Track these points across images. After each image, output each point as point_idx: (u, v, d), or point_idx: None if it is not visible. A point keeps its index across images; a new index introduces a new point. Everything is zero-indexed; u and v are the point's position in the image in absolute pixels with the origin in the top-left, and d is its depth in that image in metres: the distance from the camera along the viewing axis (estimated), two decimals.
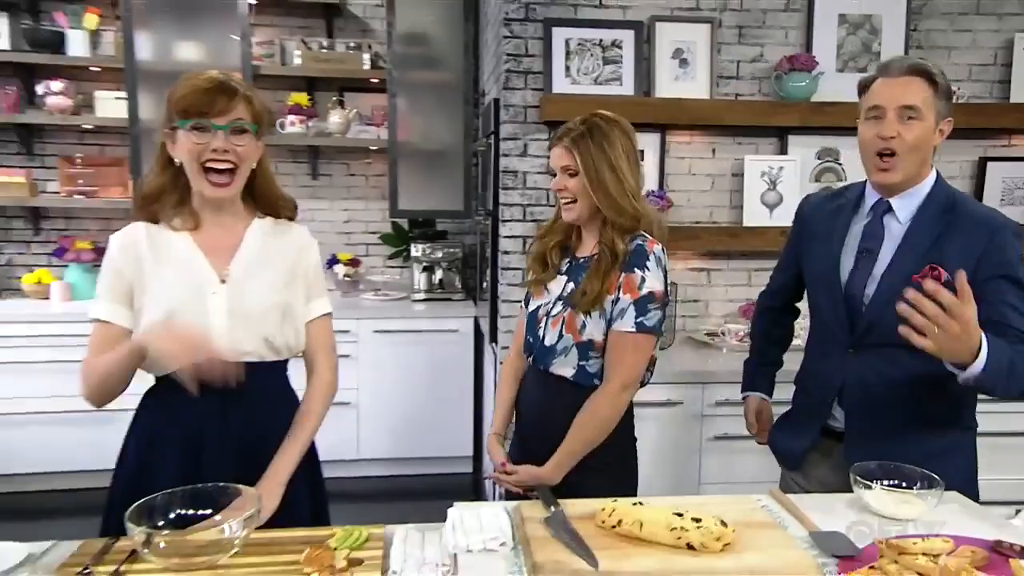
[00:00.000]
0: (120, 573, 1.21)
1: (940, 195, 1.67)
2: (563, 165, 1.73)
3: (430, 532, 1.37)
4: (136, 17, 3.71)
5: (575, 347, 1.73)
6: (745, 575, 1.14)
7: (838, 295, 1.74)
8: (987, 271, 1.56)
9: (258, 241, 1.60)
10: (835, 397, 1.76)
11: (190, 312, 1.48)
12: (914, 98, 1.58)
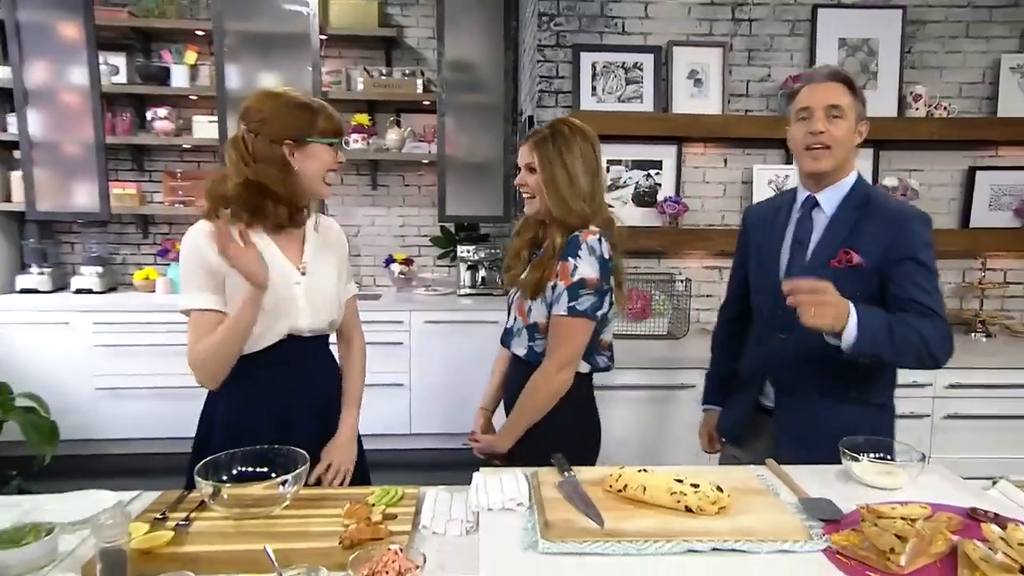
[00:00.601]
0: (190, 519, 1.23)
1: (858, 191, 1.65)
2: (526, 163, 1.71)
3: (457, 493, 1.35)
4: (227, 53, 3.80)
5: (525, 329, 1.73)
6: (737, 535, 1.09)
7: (775, 285, 1.65)
8: (896, 254, 1.55)
9: (315, 237, 1.63)
10: (764, 376, 1.74)
11: (280, 299, 1.51)
12: (838, 99, 1.58)
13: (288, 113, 1.49)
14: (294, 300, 1.54)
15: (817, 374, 1.62)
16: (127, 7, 3.96)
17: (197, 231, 1.52)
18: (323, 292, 1.60)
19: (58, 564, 1.11)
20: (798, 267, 1.66)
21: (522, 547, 1.09)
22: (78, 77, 3.76)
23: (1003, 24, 3.11)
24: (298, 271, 1.56)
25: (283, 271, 1.54)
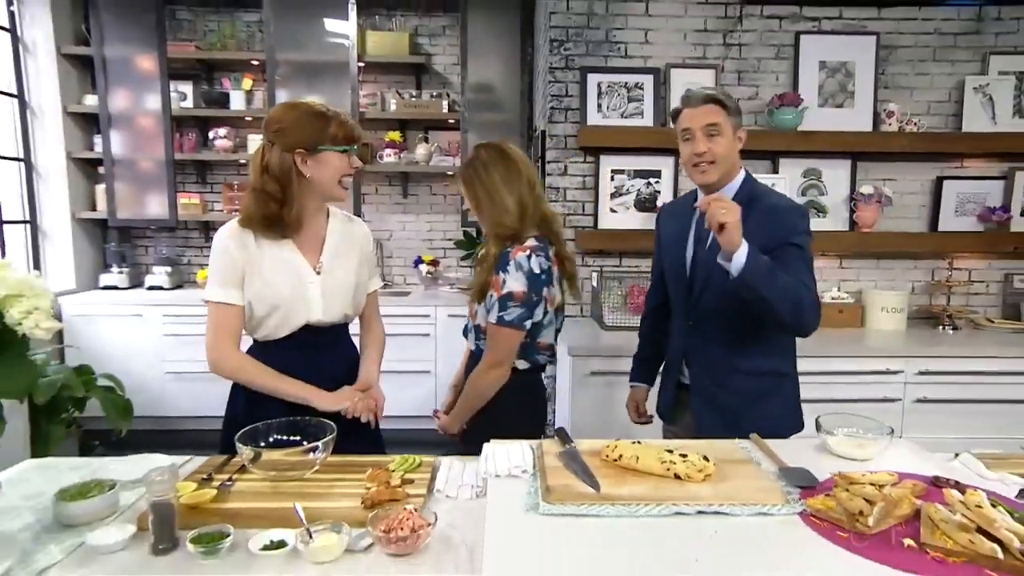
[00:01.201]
0: (232, 480, 1.22)
1: (745, 190, 1.64)
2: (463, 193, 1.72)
3: (469, 463, 1.33)
4: (278, 80, 3.82)
5: (474, 328, 1.73)
6: (721, 499, 1.06)
7: (684, 281, 1.72)
8: (777, 240, 1.54)
9: (337, 234, 1.58)
10: (682, 359, 1.75)
11: (295, 295, 1.48)
12: (714, 118, 1.58)
13: (303, 123, 1.42)
14: (308, 296, 1.50)
15: (723, 351, 1.65)
16: (194, 42, 4.01)
17: (225, 231, 1.48)
18: (338, 288, 1.54)
19: (118, 516, 1.11)
20: (700, 263, 1.66)
21: (524, 509, 1.07)
22: (152, 103, 3.81)
23: (966, 49, 3.03)
24: (313, 270, 1.51)
25: (299, 270, 1.50)
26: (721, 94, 1.62)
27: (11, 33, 3.59)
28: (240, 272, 1.46)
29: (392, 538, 0.98)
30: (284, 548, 0.98)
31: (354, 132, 1.49)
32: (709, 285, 1.63)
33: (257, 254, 1.47)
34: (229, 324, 1.47)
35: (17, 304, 1.00)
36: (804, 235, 1.58)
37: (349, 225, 1.63)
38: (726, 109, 1.59)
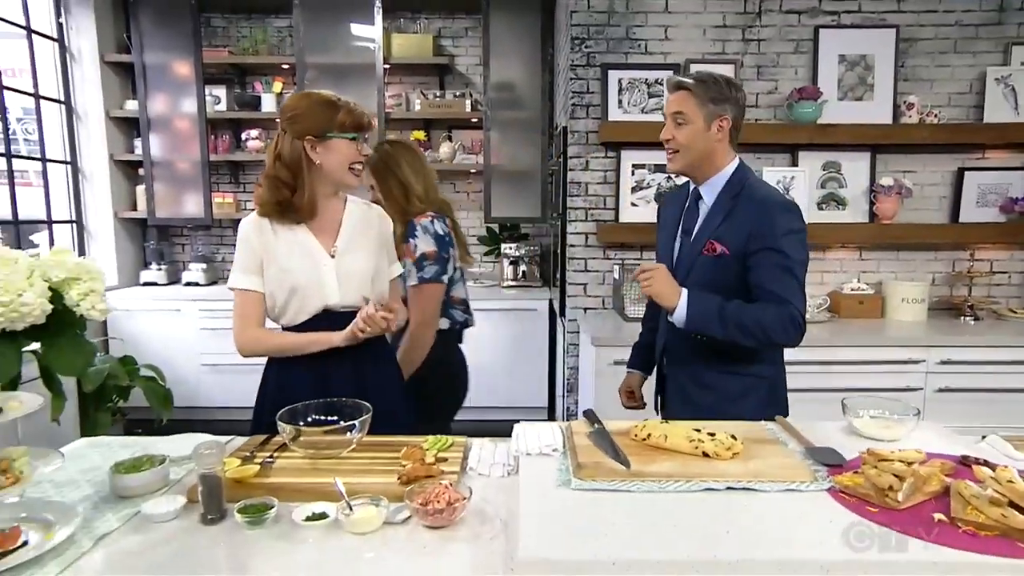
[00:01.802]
0: (273, 457, 1.24)
1: (735, 181, 1.55)
2: (370, 184, 1.85)
3: (500, 443, 1.34)
4: (307, 82, 3.87)
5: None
6: (749, 477, 1.05)
7: (670, 269, 1.60)
8: (756, 244, 1.46)
9: (353, 220, 1.56)
10: (662, 351, 1.70)
11: (311, 279, 1.48)
12: (680, 106, 1.51)
13: (313, 111, 1.42)
14: (324, 280, 1.49)
15: (700, 348, 1.56)
16: (227, 47, 4.07)
17: (245, 221, 1.51)
18: (354, 272, 1.51)
19: (169, 488, 1.14)
20: (684, 255, 1.61)
21: (556, 484, 1.07)
22: (188, 106, 3.89)
23: (988, 40, 2.95)
24: (328, 254, 1.50)
25: (314, 255, 1.49)
26: (695, 80, 1.50)
27: (59, 43, 3.69)
28: (259, 259, 1.48)
29: (429, 510, 0.99)
30: (325, 519, 1.00)
31: (362, 120, 1.46)
32: (689, 280, 1.54)
33: (273, 240, 1.48)
34: (251, 310, 1.50)
35: (75, 286, 1.03)
36: (790, 235, 1.45)
37: (367, 211, 1.60)
38: (695, 96, 1.49)
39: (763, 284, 1.45)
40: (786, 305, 1.42)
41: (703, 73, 1.54)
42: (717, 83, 1.51)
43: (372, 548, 0.95)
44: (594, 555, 0.85)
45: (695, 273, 1.55)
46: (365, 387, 1.49)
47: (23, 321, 0.95)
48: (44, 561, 0.89)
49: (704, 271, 1.52)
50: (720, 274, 1.51)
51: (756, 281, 1.47)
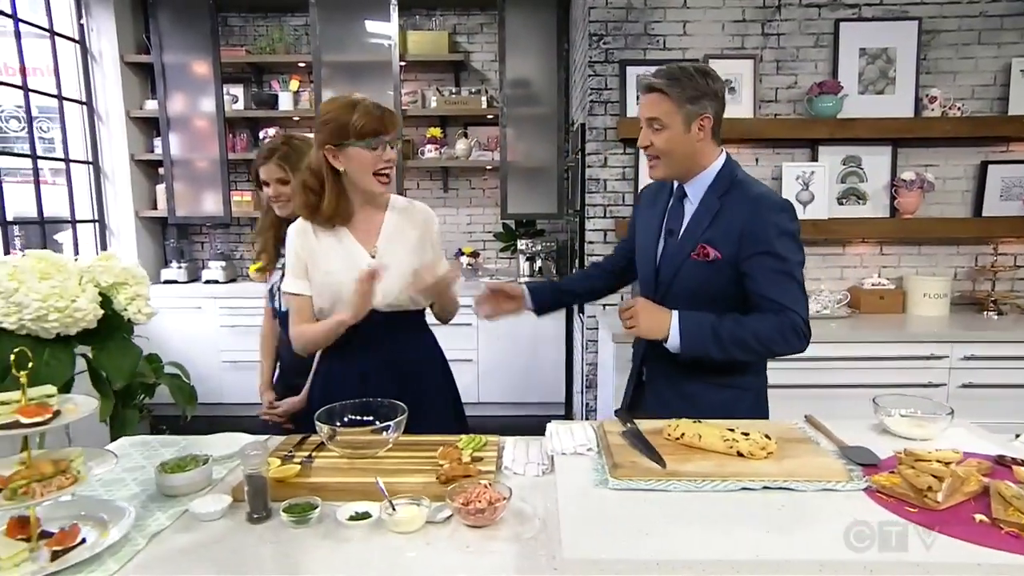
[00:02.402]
0: (312, 457, 1.26)
1: (723, 179, 1.45)
2: (277, 177, 1.74)
3: (532, 442, 1.35)
4: (323, 80, 3.89)
5: (279, 290, 1.74)
6: (785, 476, 1.06)
7: (651, 270, 1.55)
8: (749, 248, 1.37)
9: (394, 220, 1.57)
10: (642, 357, 1.58)
11: (352, 281, 1.48)
12: (655, 111, 1.40)
13: (334, 117, 1.42)
14: None
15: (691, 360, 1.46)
16: (244, 47, 4.10)
17: (292, 227, 1.55)
18: (395, 272, 1.51)
19: (213, 487, 1.17)
20: (668, 257, 1.52)
21: (594, 484, 1.08)
22: (207, 106, 3.92)
23: (1013, 31, 2.90)
24: (368, 255, 1.53)
25: (354, 256, 1.52)
26: (667, 79, 1.39)
27: (80, 45, 3.73)
28: (303, 264, 1.53)
29: (471, 510, 1.00)
30: (369, 519, 1.02)
31: (379, 124, 1.42)
32: (675, 283, 1.48)
33: (315, 244, 1.52)
34: (302, 311, 1.55)
35: (123, 291, 1.05)
36: (785, 237, 1.37)
37: (409, 210, 1.60)
38: (669, 98, 1.38)
39: (761, 291, 1.38)
40: (786, 313, 1.35)
41: (674, 69, 1.42)
42: (692, 79, 1.39)
43: (416, 547, 0.97)
44: (637, 555, 0.86)
45: (683, 277, 1.47)
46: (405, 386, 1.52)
47: (76, 326, 0.97)
48: (103, 559, 0.91)
49: (693, 275, 1.45)
50: (711, 279, 1.43)
51: (753, 288, 1.39)
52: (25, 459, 0.91)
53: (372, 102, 1.46)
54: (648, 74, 1.46)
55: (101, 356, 1.03)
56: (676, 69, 1.42)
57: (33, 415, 0.88)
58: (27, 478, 0.87)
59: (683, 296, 1.47)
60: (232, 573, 0.91)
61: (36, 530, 0.92)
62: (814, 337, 1.37)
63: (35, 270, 0.94)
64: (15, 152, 3.44)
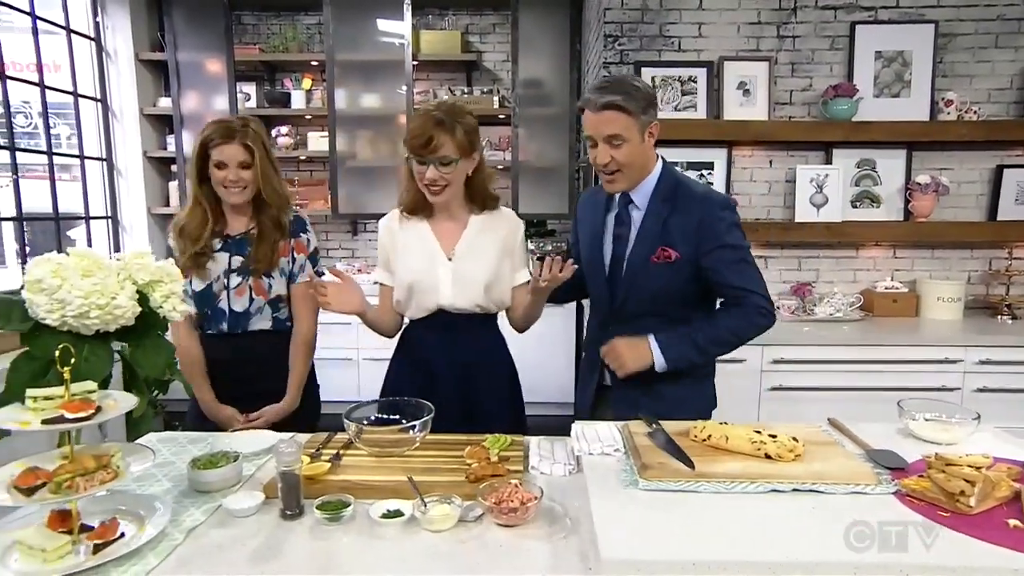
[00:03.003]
0: (340, 455, 1.27)
1: (665, 183, 1.52)
2: (240, 161, 1.58)
3: (557, 442, 1.36)
4: (336, 79, 3.90)
5: (267, 304, 1.68)
6: (814, 478, 1.06)
7: (602, 277, 1.59)
8: (707, 245, 1.47)
9: (476, 229, 1.59)
10: (602, 360, 1.58)
11: (426, 279, 1.56)
12: (613, 128, 1.42)
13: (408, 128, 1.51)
14: (439, 281, 1.55)
15: None
16: (258, 45, 4.11)
17: (382, 220, 1.67)
18: (470, 278, 1.55)
19: (243, 484, 1.18)
20: (620, 261, 1.55)
21: (624, 485, 1.09)
22: (220, 103, 3.93)
23: None
24: (446, 257, 1.57)
25: (433, 255, 1.57)
26: (621, 95, 1.40)
27: (95, 42, 3.75)
28: (387, 256, 1.64)
29: (504, 509, 1.01)
30: (401, 517, 1.03)
31: (416, 144, 1.44)
32: (634, 288, 1.53)
33: (399, 237, 1.61)
34: (384, 301, 1.67)
35: (158, 288, 1.06)
36: (735, 228, 1.49)
37: (495, 216, 1.61)
38: (629, 114, 1.41)
39: (725, 281, 1.49)
40: (748, 297, 1.47)
41: (622, 82, 1.45)
42: (639, 89, 1.44)
43: (449, 545, 0.98)
44: (673, 555, 0.87)
45: (643, 280, 1.52)
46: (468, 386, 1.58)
47: (116, 323, 0.98)
48: (143, 552, 0.93)
49: (654, 277, 1.50)
50: (672, 279, 1.51)
51: (717, 280, 1.50)
52: (67, 454, 0.92)
53: (437, 111, 1.46)
54: (592, 90, 1.47)
55: (136, 352, 1.04)
56: (623, 82, 1.46)
57: (77, 410, 0.89)
58: (71, 472, 0.88)
59: (644, 299, 1.54)
60: (270, 568, 0.92)
61: (77, 523, 0.93)
62: (827, 340, 1.47)
63: (77, 267, 0.95)
64: (31, 148, 3.45)
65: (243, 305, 1.67)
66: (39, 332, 0.96)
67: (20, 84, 3.20)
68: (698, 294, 1.55)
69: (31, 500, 0.86)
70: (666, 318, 1.54)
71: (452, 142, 1.45)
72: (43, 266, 0.93)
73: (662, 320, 1.54)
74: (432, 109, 1.47)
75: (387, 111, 3.99)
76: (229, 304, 1.66)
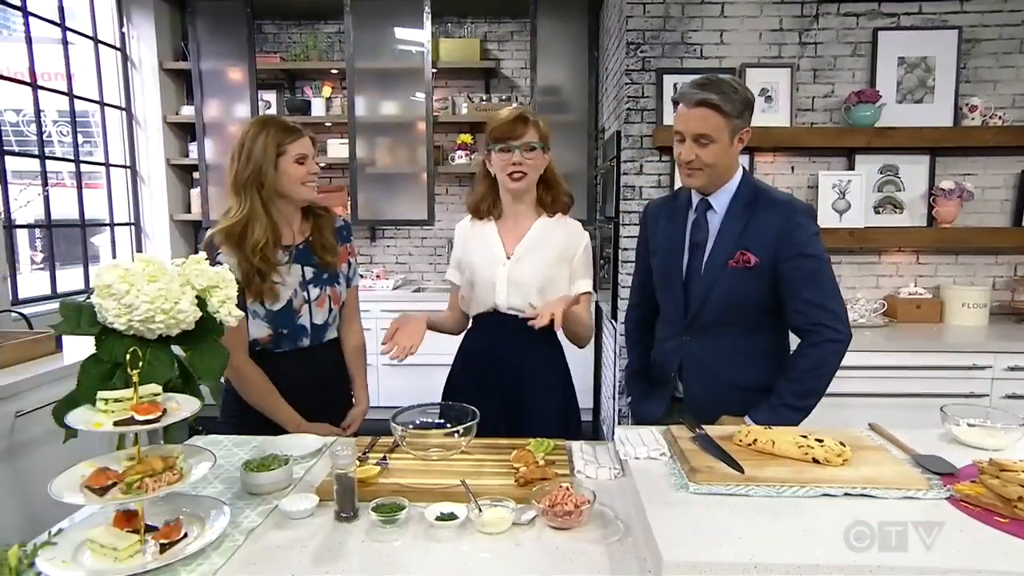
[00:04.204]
0: (386, 458, 1.29)
1: (745, 189, 1.51)
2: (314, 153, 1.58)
3: (599, 446, 1.37)
4: (356, 86, 3.94)
5: (337, 312, 1.69)
6: (865, 483, 1.06)
7: (678, 288, 1.57)
8: (786, 252, 1.45)
9: (539, 231, 1.64)
10: (676, 372, 1.60)
11: (486, 277, 1.63)
12: (705, 127, 1.42)
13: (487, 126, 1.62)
14: (496, 280, 1.61)
15: (722, 366, 1.54)
16: (279, 54, 4.17)
17: (459, 224, 1.77)
18: (525, 279, 1.60)
19: (294, 486, 1.19)
20: (698, 269, 1.54)
21: (675, 488, 1.10)
22: (241, 111, 3.98)
23: None
24: (506, 255, 1.63)
25: (494, 254, 1.63)
26: (718, 94, 1.40)
27: (121, 52, 3.81)
28: (458, 255, 1.73)
29: (559, 512, 1.02)
30: (456, 520, 1.04)
31: (501, 127, 1.55)
32: (711, 296, 1.51)
33: (469, 237, 1.70)
34: (452, 300, 1.78)
35: (215, 294, 1.08)
36: (816, 238, 1.48)
37: (559, 223, 1.67)
38: (723, 114, 1.40)
39: (799, 294, 1.46)
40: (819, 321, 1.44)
41: (723, 82, 1.43)
42: (738, 92, 1.43)
43: (507, 548, 0.99)
44: (736, 557, 0.88)
45: (720, 288, 1.50)
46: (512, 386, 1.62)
47: (178, 327, 1.00)
48: (207, 553, 0.94)
49: (732, 283, 1.49)
50: (750, 286, 1.49)
51: (790, 290, 1.46)
52: (134, 455, 0.94)
53: (515, 110, 1.58)
54: (690, 86, 1.46)
55: (195, 357, 1.06)
56: (723, 82, 1.44)
57: (146, 413, 0.91)
58: (140, 473, 0.90)
59: (720, 306, 1.52)
60: (334, 569, 0.93)
61: (142, 523, 0.94)
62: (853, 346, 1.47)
63: (144, 273, 0.97)
64: (58, 156, 3.51)
65: (323, 317, 1.63)
66: (105, 336, 0.98)
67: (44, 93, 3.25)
68: (775, 303, 1.51)
69: (104, 500, 0.88)
70: (742, 328, 1.52)
71: (535, 131, 1.58)
72: (111, 272, 0.95)
73: (737, 331, 1.52)
74: (511, 108, 1.60)
75: (406, 118, 4.03)
76: (311, 317, 1.60)
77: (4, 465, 1.78)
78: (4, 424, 1.77)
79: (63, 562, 0.87)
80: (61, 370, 2.02)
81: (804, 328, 1.49)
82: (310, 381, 1.61)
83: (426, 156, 4.01)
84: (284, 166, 1.53)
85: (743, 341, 1.53)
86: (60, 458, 0.99)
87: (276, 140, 1.52)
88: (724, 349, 1.53)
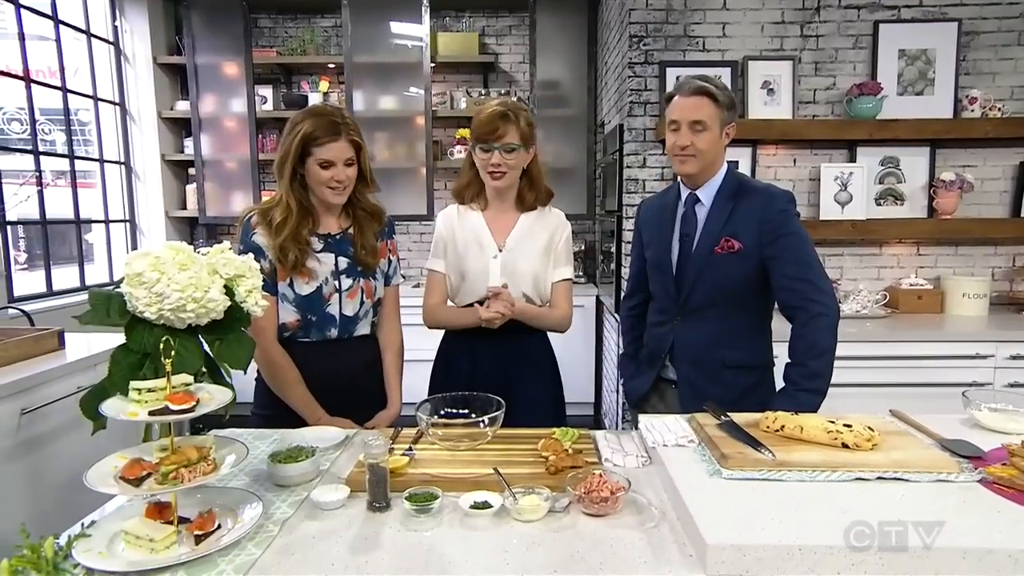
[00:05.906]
0: (412, 448, 1.28)
1: (730, 182, 1.62)
2: (346, 158, 1.47)
3: (623, 435, 1.37)
4: (353, 81, 3.92)
5: (372, 307, 1.61)
6: (895, 467, 1.07)
7: (669, 277, 1.67)
8: (771, 233, 1.54)
9: (527, 224, 1.69)
10: (667, 354, 1.69)
11: (479, 268, 1.64)
12: (701, 114, 1.53)
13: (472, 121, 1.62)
14: (489, 272, 1.62)
15: (712, 347, 1.61)
16: (275, 48, 4.12)
17: (442, 212, 1.77)
18: (518, 271, 1.65)
19: (321, 477, 1.18)
20: (687, 258, 1.63)
21: (708, 474, 1.10)
22: (238, 107, 3.95)
23: None
24: (497, 248, 1.64)
25: (484, 247, 1.64)
26: (714, 85, 1.55)
27: (114, 46, 3.75)
28: (443, 245, 1.71)
29: (595, 499, 1.02)
30: (490, 508, 1.04)
31: (481, 127, 1.58)
32: (700, 282, 1.61)
33: (456, 227, 1.69)
34: (434, 286, 1.73)
35: (242, 283, 1.07)
36: (794, 218, 1.57)
37: (544, 215, 1.72)
38: (717, 104, 1.54)
39: (785, 271, 1.53)
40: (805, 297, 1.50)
41: (712, 80, 1.57)
42: (726, 90, 1.56)
43: (544, 535, 0.98)
44: (779, 540, 0.88)
45: (708, 272, 1.59)
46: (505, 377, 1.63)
47: (208, 316, 0.99)
48: (243, 544, 0.93)
49: (718, 269, 1.58)
50: (736, 270, 1.57)
51: (778, 268, 1.54)
52: (168, 445, 0.93)
53: (500, 106, 1.58)
54: (684, 79, 1.60)
55: (222, 347, 1.05)
56: (713, 80, 1.57)
57: (181, 402, 0.89)
58: (175, 463, 0.88)
59: (708, 290, 1.60)
60: (373, 559, 0.92)
61: (175, 514, 0.93)
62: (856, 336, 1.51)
63: (174, 261, 0.95)
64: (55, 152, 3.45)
65: (354, 309, 1.57)
66: (135, 326, 0.96)
67: (36, 89, 3.19)
68: (761, 285, 1.60)
69: (139, 491, 0.87)
70: (729, 308, 1.60)
71: (516, 131, 1.58)
72: (142, 260, 0.94)
73: (724, 312, 1.60)
74: (496, 104, 1.59)
75: (404, 113, 4.01)
76: (340, 308, 1.55)
77: (13, 462, 1.75)
78: (11, 422, 1.74)
79: (99, 553, 0.86)
80: (65, 367, 1.99)
81: (793, 306, 1.55)
82: (335, 375, 1.56)
83: (425, 151, 3.99)
84: (310, 166, 1.48)
85: (730, 321, 1.61)
86: (67, 455, 0.98)
87: (305, 139, 1.46)
88: (712, 330, 1.62)
